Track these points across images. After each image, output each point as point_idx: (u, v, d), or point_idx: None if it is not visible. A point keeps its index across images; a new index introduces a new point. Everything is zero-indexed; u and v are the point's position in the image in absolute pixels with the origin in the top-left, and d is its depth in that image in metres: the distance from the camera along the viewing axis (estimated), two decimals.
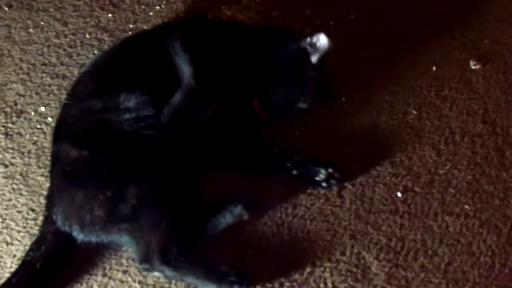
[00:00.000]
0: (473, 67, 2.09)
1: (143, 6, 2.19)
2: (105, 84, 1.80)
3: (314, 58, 1.86)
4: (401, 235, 1.80)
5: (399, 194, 1.86)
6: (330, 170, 1.83)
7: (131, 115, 1.72)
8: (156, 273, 1.70)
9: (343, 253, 1.77)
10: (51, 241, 1.71)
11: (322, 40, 1.83)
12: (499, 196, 1.86)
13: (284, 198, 1.84)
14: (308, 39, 1.85)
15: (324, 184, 1.84)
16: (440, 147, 1.94)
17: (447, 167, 1.90)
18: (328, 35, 1.83)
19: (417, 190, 1.87)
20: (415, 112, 1.99)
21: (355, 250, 1.77)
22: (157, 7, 2.19)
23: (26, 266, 1.69)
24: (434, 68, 2.08)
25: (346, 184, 1.87)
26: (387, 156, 1.91)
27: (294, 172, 1.83)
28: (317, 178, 1.83)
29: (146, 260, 1.68)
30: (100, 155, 1.71)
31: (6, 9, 2.20)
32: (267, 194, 1.84)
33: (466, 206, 1.84)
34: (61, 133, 1.81)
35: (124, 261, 1.76)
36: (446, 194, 1.86)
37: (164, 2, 2.20)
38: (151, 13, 2.18)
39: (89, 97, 1.78)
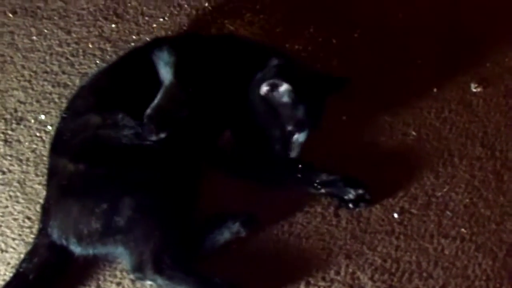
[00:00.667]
0: (474, 90, 2.09)
1: (146, 18, 2.20)
2: (104, 100, 1.80)
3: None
4: (396, 256, 1.79)
5: (395, 215, 1.85)
6: (360, 192, 1.83)
7: (130, 131, 1.73)
8: (148, 282, 1.70)
9: (337, 273, 1.76)
10: (44, 254, 1.70)
11: (282, 89, 1.80)
12: (496, 220, 1.85)
13: (281, 215, 1.84)
14: (265, 88, 1.80)
15: (351, 205, 1.84)
16: (438, 169, 1.93)
17: (444, 190, 1.90)
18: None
19: (414, 211, 1.86)
20: (414, 133, 1.99)
21: (350, 270, 1.77)
22: (161, 19, 2.20)
23: (19, 277, 1.68)
24: (435, 90, 2.08)
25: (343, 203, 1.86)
26: (385, 177, 1.91)
27: (322, 190, 1.84)
28: (345, 197, 1.84)
29: (139, 268, 1.67)
30: (97, 169, 1.71)
31: (11, 15, 2.21)
32: (264, 210, 1.83)
33: (463, 229, 1.83)
34: (58, 146, 1.81)
35: (118, 273, 1.76)
36: (442, 217, 1.85)
37: (167, 15, 2.21)
38: (154, 25, 2.18)
39: (87, 112, 1.78)
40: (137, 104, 1.78)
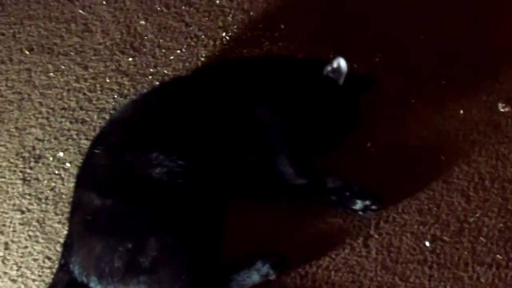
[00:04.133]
0: (502, 110, 2.04)
1: (163, 50, 2.18)
2: (138, 138, 1.78)
3: (340, 81, 1.90)
4: (430, 286, 1.74)
5: (427, 244, 1.80)
6: (367, 203, 1.82)
7: (162, 170, 1.70)
8: None
9: None
10: None
11: (342, 63, 1.88)
12: None
13: (308, 247, 1.79)
14: (329, 67, 1.90)
15: (361, 213, 1.84)
16: (469, 194, 1.88)
17: (477, 215, 1.85)
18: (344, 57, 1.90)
19: (446, 239, 1.81)
20: (442, 158, 1.94)
21: None
22: (178, 51, 2.17)
23: None
24: (461, 112, 2.03)
25: (372, 233, 1.81)
26: (414, 204, 1.86)
27: (333, 197, 1.83)
28: (354, 207, 1.83)
29: None
30: (124, 205, 1.68)
31: (27, 52, 2.20)
32: (290, 243, 1.79)
33: (498, 256, 1.79)
34: (86, 180, 1.78)
35: None
36: (476, 243, 1.81)
37: (185, 46, 2.18)
38: (171, 57, 2.16)
39: (121, 150, 1.76)
40: (172, 139, 1.76)
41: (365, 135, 1.96)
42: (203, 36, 2.21)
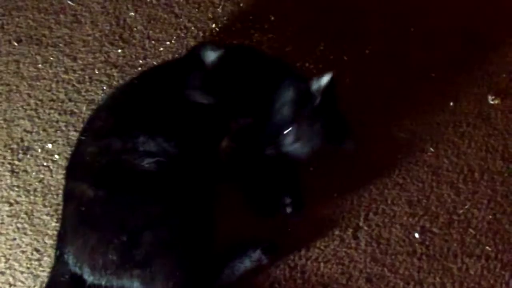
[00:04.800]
0: (492, 102, 2.05)
1: (153, 42, 2.16)
2: (124, 121, 1.75)
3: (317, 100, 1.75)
4: (419, 278, 1.75)
5: (416, 235, 1.81)
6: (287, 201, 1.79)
7: (151, 160, 1.68)
8: None
9: None
10: (68, 285, 1.67)
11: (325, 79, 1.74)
12: None
13: (297, 239, 1.79)
14: (316, 83, 1.75)
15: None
16: (458, 186, 1.88)
17: (466, 207, 1.85)
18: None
19: (436, 230, 1.81)
20: (432, 150, 1.94)
21: None
22: (167, 43, 2.16)
23: None
24: (451, 104, 2.03)
25: (361, 224, 1.81)
26: (404, 196, 1.87)
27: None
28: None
29: None
30: (117, 196, 1.66)
31: (16, 44, 2.18)
32: (280, 235, 1.79)
33: (487, 247, 1.79)
34: (76, 170, 1.76)
35: None
36: (465, 235, 1.81)
37: (174, 38, 2.17)
38: (161, 49, 2.15)
39: (107, 135, 1.73)
40: (157, 122, 1.73)
41: (355, 128, 1.93)
42: (192, 28, 2.19)
